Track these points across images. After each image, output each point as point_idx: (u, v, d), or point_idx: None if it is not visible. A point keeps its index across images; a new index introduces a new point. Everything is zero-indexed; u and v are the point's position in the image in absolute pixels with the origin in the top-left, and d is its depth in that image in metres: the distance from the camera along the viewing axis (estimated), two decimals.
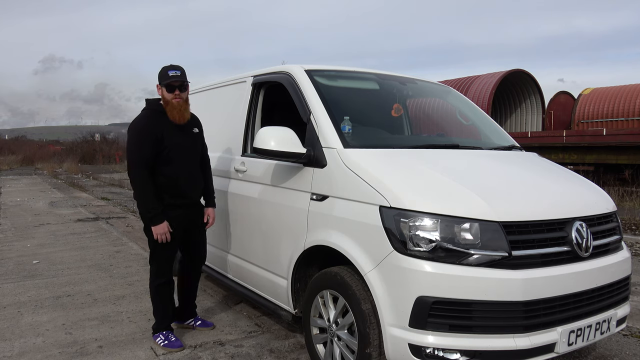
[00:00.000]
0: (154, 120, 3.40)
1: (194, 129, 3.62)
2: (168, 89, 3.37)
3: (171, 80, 3.36)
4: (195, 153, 3.61)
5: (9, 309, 4.39)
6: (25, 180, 22.86)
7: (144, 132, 3.34)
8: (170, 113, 3.40)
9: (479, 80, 19.53)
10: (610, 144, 13.42)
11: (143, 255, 6.60)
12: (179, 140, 3.45)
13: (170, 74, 3.37)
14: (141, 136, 3.34)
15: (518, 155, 3.51)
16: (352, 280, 2.69)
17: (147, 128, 3.35)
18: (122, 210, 11.36)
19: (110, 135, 58.23)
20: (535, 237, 2.50)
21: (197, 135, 3.65)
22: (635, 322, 4.04)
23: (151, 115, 3.43)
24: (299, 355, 3.44)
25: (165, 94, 3.40)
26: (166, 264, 3.55)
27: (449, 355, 2.37)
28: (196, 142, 3.63)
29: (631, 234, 7.79)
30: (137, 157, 3.32)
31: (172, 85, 3.37)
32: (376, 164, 2.81)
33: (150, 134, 3.32)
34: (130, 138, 3.38)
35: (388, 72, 4.07)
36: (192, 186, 3.57)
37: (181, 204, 3.51)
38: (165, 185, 3.43)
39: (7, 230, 8.58)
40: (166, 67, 3.44)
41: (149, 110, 3.48)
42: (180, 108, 3.42)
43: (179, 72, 3.40)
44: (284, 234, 3.33)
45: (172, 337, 3.54)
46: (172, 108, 3.40)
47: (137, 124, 3.41)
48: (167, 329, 3.60)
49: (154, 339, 3.57)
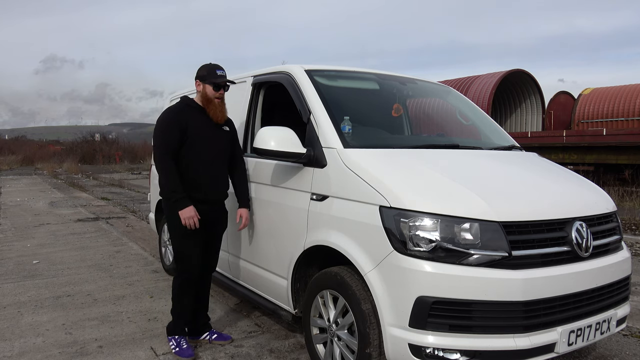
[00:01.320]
0: (184, 114, 3.41)
1: (224, 127, 3.59)
2: (215, 88, 3.42)
3: (220, 79, 3.42)
4: (220, 150, 3.53)
5: (9, 309, 4.39)
6: (25, 180, 22.86)
7: (173, 120, 3.37)
8: (213, 112, 3.44)
9: (479, 80, 19.53)
10: (610, 144, 13.42)
11: (143, 255, 6.60)
12: (205, 134, 3.42)
13: (218, 73, 3.43)
14: (169, 123, 3.36)
15: (518, 155, 3.51)
16: (352, 280, 2.69)
17: (176, 117, 3.38)
18: (122, 210, 11.36)
19: (112, 135, 58.27)
20: (535, 237, 2.50)
21: (226, 132, 3.59)
22: (635, 322, 4.04)
23: (183, 108, 3.46)
24: (299, 355, 3.44)
25: (209, 91, 3.42)
26: (193, 260, 3.41)
27: (449, 355, 2.37)
28: (223, 139, 3.56)
29: (631, 234, 7.79)
30: (163, 143, 3.32)
31: (219, 85, 3.43)
32: (376, 164, 2.81)
33: (178, 123, 3.34)
34: (158, 125, 3.41)
35: (388, 72, 4.08)
36: (212, 182, 3.46)
37: (200, 198, 3.39)
38: (184, 176, 3.34)
39: (7, 230, 8.58)
40: (212, 65, 3.47)
41: (181, 104, 3.51)
42: (222, 107, 3.48)
43: (224, 72, 3.48)
44: (284, 234, 3.33)
45: (183, 344, 3.43)
46: (214, 107, 3.44)
47: (167, 112, 3.44)
48: (181, 333, 3.49)
49: (168, 341, 3.50)
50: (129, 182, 19.81)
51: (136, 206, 12.06)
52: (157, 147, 3.36)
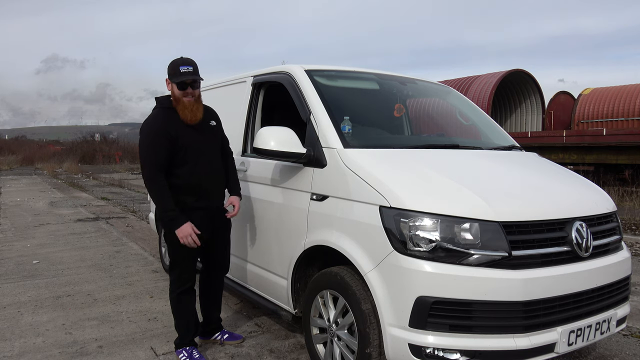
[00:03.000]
0: (166, 119, 3.13)
1: (210, 122, 3.34)
2: (179, 87, 3.11)
3: (183, 77, 3.09)
4: (214, 149, 3.34)
5: (9, 309, 4.39)
6: (25, 180, 22.85)
7: (158, 133, 3.08)
8: (182, 113, 3.14)
9: (479, 80, 19.53)
10: (610, 144, 13.41)
11: (143, 255, 6.60)
12: (195, 138, 3.19)
13: (181, 70, 3.09)
14: (155, 138, 3.08)
15: (518, 155, 3.51)
16: (352, 280, 2.69)
17: (160, 129, 3.09)
18: (122, 210, 11.36)
19: (112, 135, 58.22)
20: (535, 237, 2.50)
21: (214, 128, 3.36)
22: (635, 322, 4.04)
23: (164, 115, 3.16)
24: (299, 355, 3.44)
25: (175, 90, 3.13)
26: (187, 271, 3.29)
27: (449, 355, 2.37)
28: (215, 136, 3.36)
29: (631, 234, 7.79)
30: (152, 160, 3.07)
31: (184, 83, 3.10)
32: (376, 164, 2.81)
33: (165, 135, 3.07)
34: (143, 140, 3.13)
35: (388, 72, 4.08)
36: (214, 185, 3.31)
37: (203, 205, 3.24)
38: (185, 187, 3.16)
39: (7, 230, 8.58)
40: (177, 61, 3.15)
41: (160, 108, 3.21)
42: (192, 107, 3.15)
43: (191, 67, 3.12)
44: (284, 234, 3.33)
45: (195, 354, 3.30)
46: (183, 107, 3.13)
47: (150, 125, 3.15)
48: (190, 344, 3.35)
49: (177, 355, 3.33)
50: (129, 182, 19.80)
51: (136, 206, 12.06)
52: (145, 165, 3.08)
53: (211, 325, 3.64)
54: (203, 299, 3.59)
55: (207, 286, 3.58)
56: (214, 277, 3.57)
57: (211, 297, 3.59)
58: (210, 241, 3.38)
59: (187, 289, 3.32)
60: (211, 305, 3.61)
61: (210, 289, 3.58)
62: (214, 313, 3.64)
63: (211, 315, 3.62)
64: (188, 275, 3.31)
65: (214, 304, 3.62)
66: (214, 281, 3.58)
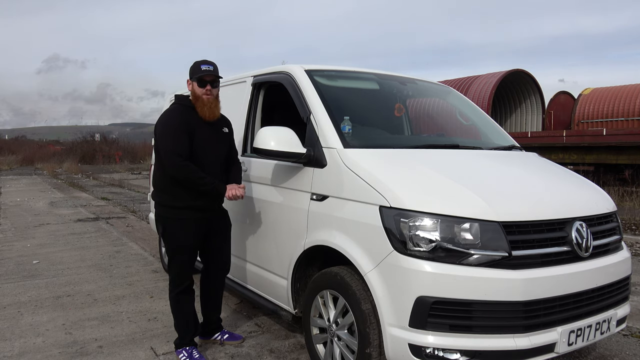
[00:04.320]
0: (185, 115, 3.23)
1: (223, 129, 3.43)
2: (200, 84, 3.22)
3: (203, 74, 3.21)
4: (219, 153, 3.37)
5: (9, 309, 4.39)
6: (25, 180, 22.86)
7: (180, 126, 3.16)
8: (201, 109, 3.23)
9: (479, 80, 19.53)
10: (610, 144, 13.41)
11: (143, 255, 6.60)
12: (207, 137, 3.26)
13: (202, 68, 3.23)
14: (177, 130, 3.14)
15: (518, 155, 3.51)
16: (352, 280, 2.69)
17: (182, 123, 3.17)
18: (122, 210, 11.36)
19: (112, 136, 58.21)
20: (535, 237, 2.50)
21: (225, 135, 3.44)
22: (635, 322, 4.04)
23: (182, 111, 3.26)
24: (299, 355, 3.44)
25: (196, 88, 3.24)
26: (185, 269, 3.32)
27: (449, 355, 2.37)
28: (224, 142, 3.42)
29: (631, 234, 7.79)
30: (178, 150, 3.10)
31: (204, 80, 3.22)
32: (376, 164, 2.81)
33: (186, 129, 3.16)
34: (164, 134, 3.17)
35: (388, 72, 4.07)
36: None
37: (201, 206, 3.27)
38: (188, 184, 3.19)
39: (7, 230, 8.58)
40: (198, 61, 3.30)
41: (179, 105, 3.31)
42: (210, 105, 3.26)
43: (211, 66, 3.27)
44: (284, 234, 3.33)
45: (195, 354, 3.31)
46: (202, 104, 3.24)
47: (170, 119, 3.22)
48: (190, 344, 3.37)
49: (177, 354, 3.34)
50: (129, 182, 19.80)
51: (136, 206, 12.06)
52: (170, 154, 3.10)
53: (211, 326, 3.65)
54: (203, 299, 3.60)
55: (207, 286, 3.59)
56: (214, 278, 3.58)
57: (211, 297, 3.60)
58: (210, 242, 3.42)
59: (185, 288, 3.34)
60: (211, 305, 3.62)
61: (211, 289, 3.59)
62: (214, 313, 3.65)
63: (211, 315, 3.64)
64: (185, 274, 3.33)
65: (214, 304, 3.63)
66: (214, 281, 3.59)
